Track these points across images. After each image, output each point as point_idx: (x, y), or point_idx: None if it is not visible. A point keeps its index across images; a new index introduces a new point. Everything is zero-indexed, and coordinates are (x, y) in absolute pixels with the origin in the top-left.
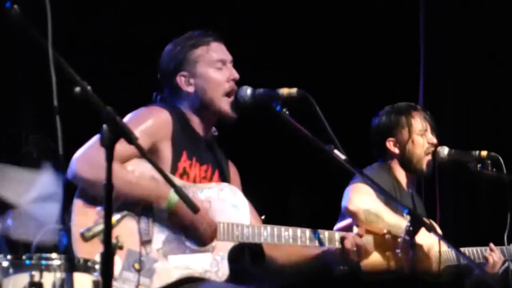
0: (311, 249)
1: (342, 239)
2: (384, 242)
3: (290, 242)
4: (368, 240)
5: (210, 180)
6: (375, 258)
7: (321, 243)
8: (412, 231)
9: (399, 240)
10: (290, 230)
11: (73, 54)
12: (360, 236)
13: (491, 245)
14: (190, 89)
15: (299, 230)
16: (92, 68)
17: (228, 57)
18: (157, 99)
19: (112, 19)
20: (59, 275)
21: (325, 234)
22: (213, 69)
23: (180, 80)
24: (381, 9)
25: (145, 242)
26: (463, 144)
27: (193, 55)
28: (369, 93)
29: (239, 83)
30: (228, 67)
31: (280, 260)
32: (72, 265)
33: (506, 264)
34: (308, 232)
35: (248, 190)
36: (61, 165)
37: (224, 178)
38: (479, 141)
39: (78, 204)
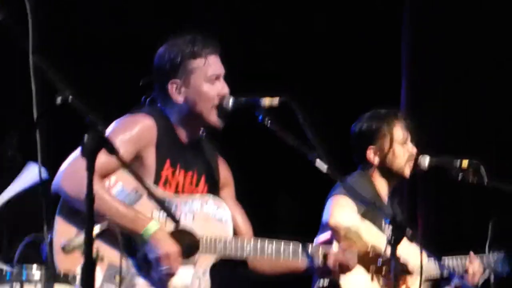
0: (294, 262)
1: (325, 255)
2: (368, 257)
3: (273, 256)
4: (351, 255)
5: (197, 185)
6: (357, 274)
7: (304, 258)
8: (394, 240)
9: (378, 260)
10: (274, 243)
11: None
12: (344, 250)
13: (471, 254)
14: (180, 98)
15: (282, 244)
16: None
17: (222, 71)
18: (145, 102)
19: (98, 20)
20: (40, 286)
21: (308, 248)
22: (207, 83)
23: (172, 87)
24: (363, 14)
25: (129, 253)
26: (444, 150)
27: (190, 66)
28: (351, 97)
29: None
30: (220, 81)
31: (262, 270)
32: (53, 277)
33: (486, 274)
34: (291, 246)
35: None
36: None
37: (211, 182)
38: (460, 147)
39: (59, 218)
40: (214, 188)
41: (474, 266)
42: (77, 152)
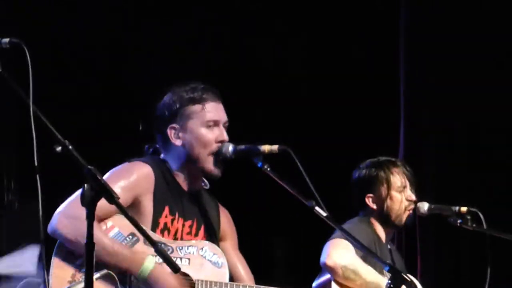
0: None
1: None
2: None
3: None
4: None
5: (196, 235)
6: None
7: None
8: None
9: None
10: None
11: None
12: None
13: None
14: (178, 142)
15: None
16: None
17: (222, 118)
18: (149, 151)
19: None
20: None
21: None
22: (204, 128)
23: (170, 132)
24: (360, 58)
25: None
26: (444, 198)
27: (188, 111)
28: (350, 145)
29: None
30: (219, 128)
31: None
32: None
33: None
34: None
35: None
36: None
37: (210, 233)
38: (460, 195)
39: (56, 259)
40: (213, 239)
41: None
42: (75, 195)
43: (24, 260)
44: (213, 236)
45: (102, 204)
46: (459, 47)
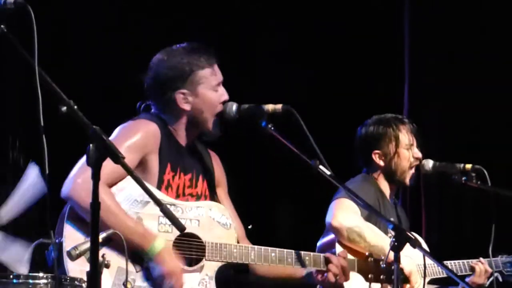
0: (295, 269)
1: (327, 261)
2: (367, 265)
3: (276, 263)
4: (351, 263)
5: (196, 187)
6: (357, 281)
7: (306, 265)
8: (397, 246)
9: (381, 263)
10: (277, 251)
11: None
12: (344, 257)
13: (481, 259)
14: (187, 107)
15: (285, 252)
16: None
17: (221, 77)
18: (141, 108)
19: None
20: None
21: (310, 256)
22: (214, 92)
23: (179, 97)
24: (365, 19)
25: (136, 260)
26: (448, 156)
27: (198, 76)
28: (354, 103)
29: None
30: (221, 87)
31: (264, 275)
32: (59, 283)
33: (493, 276)
34: (294, 253)
35: (234, 202)
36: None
37: (209, 182)
38: (464, 153)
39: (68, 225)
40: (211, 187)
41: (481, 265)
42: (83, 160)
43: (30, 188)
44: (211, 185)
45: (113, 168)
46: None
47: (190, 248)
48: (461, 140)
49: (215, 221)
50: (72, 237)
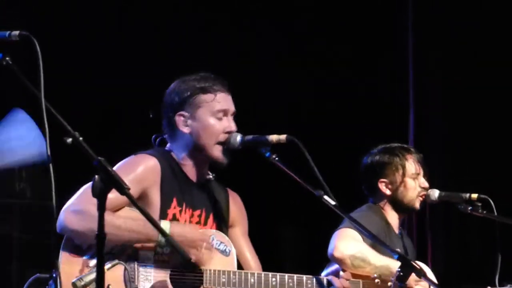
0: None
1: (329, 284)
2: (373, 285)
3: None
4: (356, 285)
5: (205, 224)
6: None
7: None
8: (402, 276)
9: (389, 284)
10: (278, 276)
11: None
12: (347, 279)
13: None
14: (186, 130)
15: (286, 276)
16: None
17: (231, 108)
18: (156, 142)
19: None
20: None
21: (313, 280)
22: (213, 118)
23: (179, 119)
24: (369, 49)
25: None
26: (453, 186)
27: (198, 99)
28: (358, 134)
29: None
30: (228, 118)
31: None
32: None
33: None
34: (295, 278)
35: None
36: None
37: (219, 221)
38: (470, 183)
39: (64, 255)
40: (222, 227)
41: None
42: (81, 190)
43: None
44: (222, 224)
45: (111, 197)
46: (471, 29)
47: (188, 276)
48: (466, 167)
49: (214, 248)
50: (68, 268)
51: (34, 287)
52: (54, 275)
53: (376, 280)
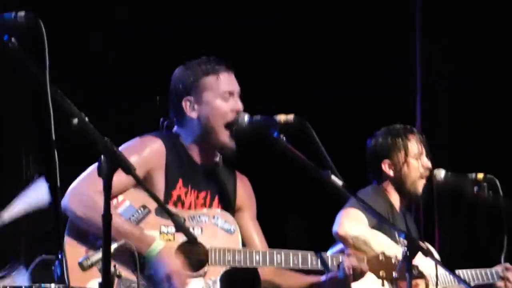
0: (309, 279)
1: (333, 261)
2: (377, 262)
3: (282, 265)
4: (361, 259)
5: (210, 206)
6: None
7: (313, 265)
8: (409, 256)
9: (393, 261)
10: (282, 253)
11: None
12: (350, 255)
13: (507, 264)
14: (194, 114)
15: (291, 253)
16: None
17: (236, 88)
18: (164, 125)
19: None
20: None
21: (317, 257)
22: (220, 99)
23: (186, 104)
24: (377, 33)
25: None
26: (460, 167)
27: (202, 82)
28: (366, 115)
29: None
30: (234, 98)
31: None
32: None
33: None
34: (300, 254)
35: None
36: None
37: (225, 204)
38: (476, 163)
39: (68, 237)
40: (228, 210)
41: (510, 273)
42: (86, 172)
43: (35, 194)
44: (228, 207)
45: (116, 180)
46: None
47: (193, 254)
48: (473, 150)
49: (219, 227)
50: (72, 251)
51: (39, 268)
52: (60, 256)
53: (380, 257)
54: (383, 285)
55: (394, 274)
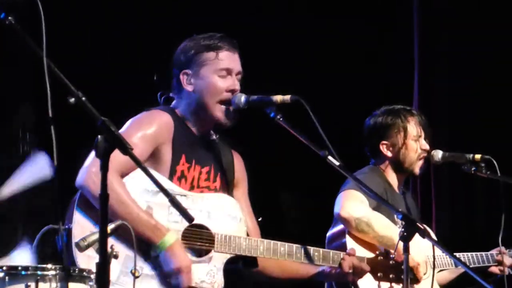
0: (306, 267)
1: (340, 260)
2: (376, 263)
3: (285, 257)
4: (362, 259)
5: (214, 181)
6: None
7: (315, 261)
8: (406, 236)
9: (391, 263)
10: (286, 245)
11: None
12: (351, 255)
13: (503, 248)
14: (189, 88)
15: (294, 246)
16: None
17: (236, 67)
18: (161, 99)
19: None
20: (54, 285)
21: (320, 252)
22: (217, 76)
23: (183, 77)
24: (376, 11)
25: (143, 249)
26: (458, 147)
27: (202, 57)
28: (363, 95)
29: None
30: (232, 77)
31: (271, 272)
32: (68, 275)
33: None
34: (303, 249)
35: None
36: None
37: (227, 180)
38: (474, 144)
39: (77, 213)
40: (228, 185)
41: (505, 257)
42: None
43: (37, 168)
44: (229, 183)
45: (126, 158)
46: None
47: (199, 239)
48: (471, 130)
49: (226, 213)
50: (81, 224)
51: (47, 237)
52: (67, 226)
53: (379, 257)
54: (379, 287)
55: (392, 254)
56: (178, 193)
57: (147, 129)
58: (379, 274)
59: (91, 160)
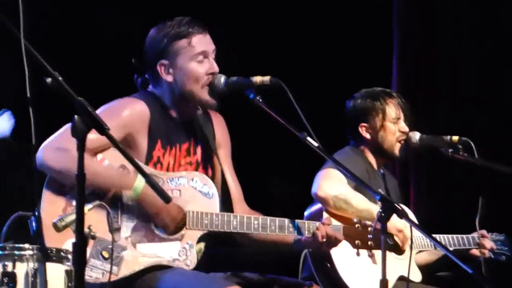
0: (283, 236)
1: (310, 228)
2: (353, 231)
3: (259, 230)
4: (336, 228)
5: (194, 154)
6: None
7: (290, 232)
8: (384, 217)
9: (369, 229)
10: (260, 218)
11: (47, 43)
12: (325, 224)
13: (484, 231)
14: (169, 78)
15: (268, 219)
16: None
17: (210, 48)
18: (138, 81)
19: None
20: (32, 265)
21: (294, 223)
22: (194, 62)
23: (161, 68)
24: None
25: (114, 230)
26: (436, 130)
27: (175, 46)
28: (343, 78)
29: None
30: (209, 60)
31: (251, 241)
32: (45, 255)
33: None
34: (277, 221)
35: None
36: (33, 154)
37: (207, 150)
38: (452, 126)
39: (47, 193)
40: (207, 152)
41: (486, 241)
42: (62, 129)
43: None
44: (210, 152)
45: (94, 137)
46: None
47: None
48: (449, 112)
49: (197, 190)
50: (50, 206)
51: (16, 225)
52: (36, 213)
53: (357, 225)
54: (358, 254)
55: (369, 234)
56: (150, 174)
57: (120, 116)
58: (356, 242)
59: (50, 139)
